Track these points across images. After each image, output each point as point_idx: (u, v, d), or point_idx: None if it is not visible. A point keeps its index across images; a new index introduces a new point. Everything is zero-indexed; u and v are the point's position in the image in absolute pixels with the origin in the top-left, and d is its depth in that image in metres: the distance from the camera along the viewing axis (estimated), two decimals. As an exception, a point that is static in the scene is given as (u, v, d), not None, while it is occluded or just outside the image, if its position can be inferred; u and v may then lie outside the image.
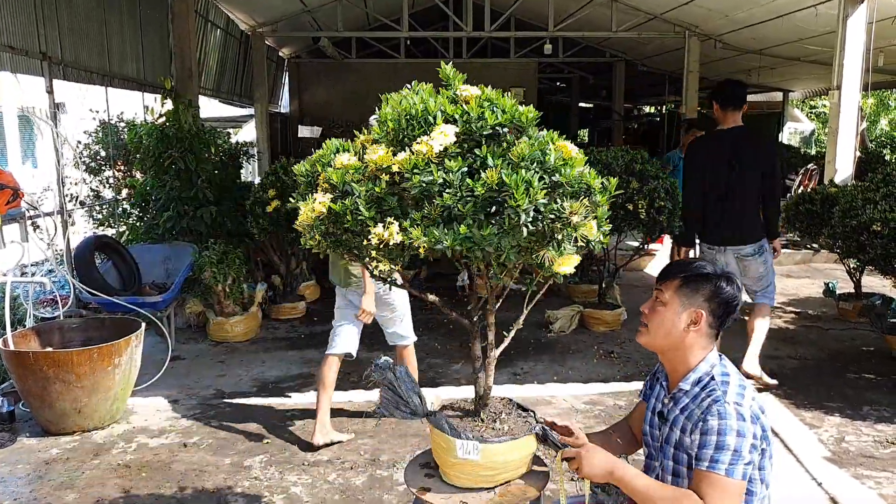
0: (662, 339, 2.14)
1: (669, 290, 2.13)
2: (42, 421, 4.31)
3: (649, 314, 2.17)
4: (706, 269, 2.14)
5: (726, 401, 1.98)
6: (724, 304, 2.10)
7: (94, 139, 8.47)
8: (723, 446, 1.93)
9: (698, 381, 2.08)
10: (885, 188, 5.45)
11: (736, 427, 1.94)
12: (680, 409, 2.08)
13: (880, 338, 5.79)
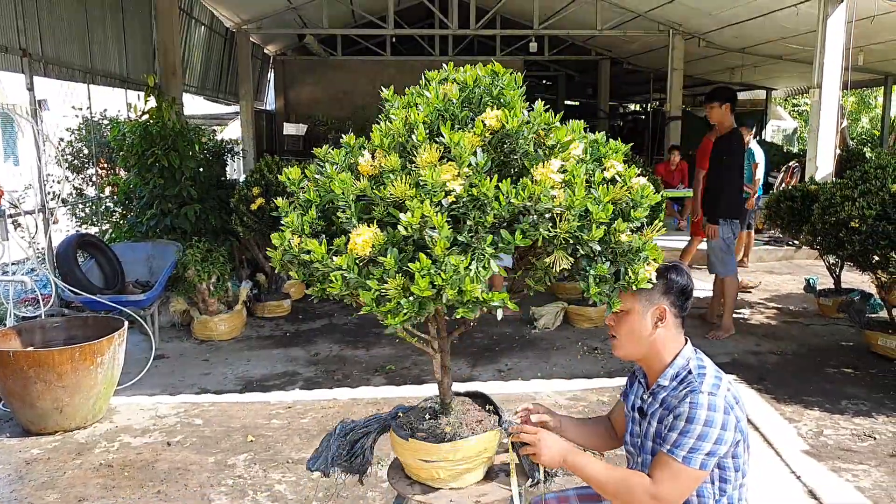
0: (635, 346, 2.17)
1: (627, 296, 2.13)
2: (23, 421, 4.29)
3: (616, 326, 2.19)
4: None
5: (701, 390, 2.02)
6: (681, 293, 2.16)
7: (76, 136, 8.42)
8: (687, 433, 1.97)
9: (676, 376, 2.12)
10: (863, 185, 5.52)
11: (705, 417, 1.97)
12: (659, 402, 2.12)
13: (859, 333, 5.87)
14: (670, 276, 2.15)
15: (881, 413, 4.48)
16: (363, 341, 6.17)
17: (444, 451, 2.20)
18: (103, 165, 8.50)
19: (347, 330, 6.49)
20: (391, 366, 5.51)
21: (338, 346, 6.04)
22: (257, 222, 6.43)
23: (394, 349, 5.92)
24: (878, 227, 5.16)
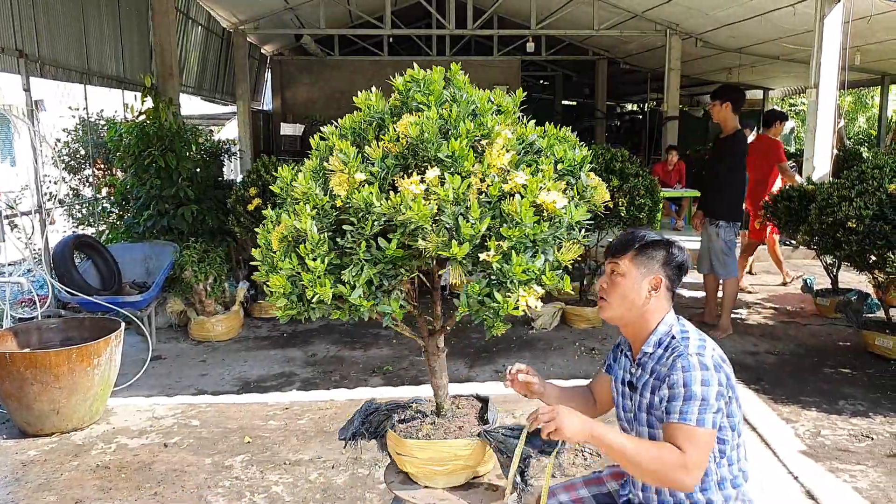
0: (626, 310, 2.18)
1: (625, 261, 2.17)
2: (20, 422, 4.28)
3: (608, 288, 2.21)
4: (656, 237, 2.21)
5: (689, 353, 2.04)
6: (678, 268, 2.19)
7: (73, 137, 8.40)
8: (690, 397, 1.99)
9: (659, 343, 2.15)
10: (860, 185, 5.52)
11: (700, 377, 2.00)
12: (648, 371, 2.14)
13: (856, 333, 5.87)
14: (671, 251, 2.18)
15: (878, 413, 4.49)
16: (360, 342, 6.16)
17: (411, 446, 2.28)
18: (100, 166, 8.49)
19: (344, 331, 6.48)
20: (388, 366, 5.50)
21: (335, 347, 6.04)
22: (254, 223, 6.41)
23: (391, 350, 5.91)
24: (875, 227, 5.17)
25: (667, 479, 1.98)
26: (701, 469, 1.98)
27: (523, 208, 1.87)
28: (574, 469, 3.78)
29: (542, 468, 2.54)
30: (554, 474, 3.73)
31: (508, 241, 1.88)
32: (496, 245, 1.87)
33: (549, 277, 1.91)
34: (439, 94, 2.13)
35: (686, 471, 1.95)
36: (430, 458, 2.27)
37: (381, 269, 1.99)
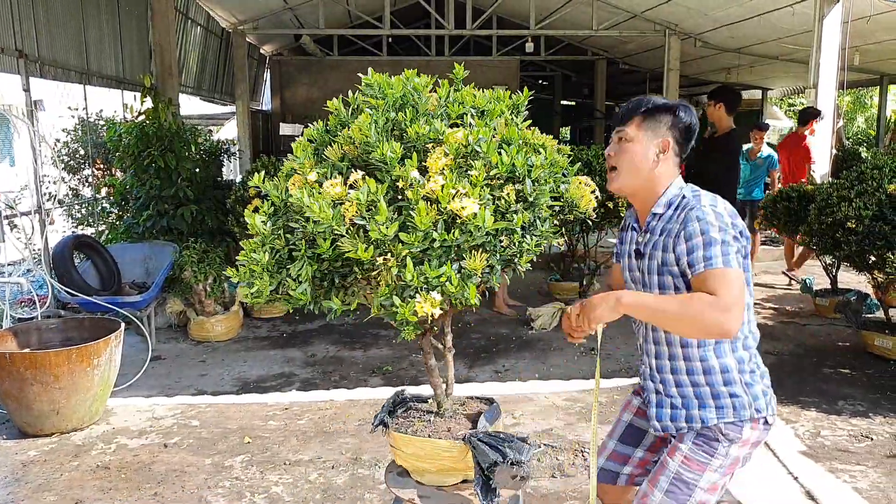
0: (634, 177, 2.18)
1: (632, 126, 2.18)
2: (19, 422, 4.28)
3: (617, 156, 2.20)
4: (662, 100, 2.20)
5: (702, 205, 2.06)
6: (686, 130, 2.18)
7: (72, 137, 8.39)
8: (710, 242, 1.99)
9: (670, 204, 2.16)
10: (860, 186, 5.53)
11: (717, 223, 2.01)
12: (658, 232, 2.14)
13: (856, 333, 5.87)
14: (678, 113, 2.18)
15: (878, 414, 4.49)
16: (360, 342, 6.16)
17: (397, 439, 2.33)
18: (99, 166, 8.48)
19: (344, 331, 6.48)
20: (388, 367, 5.50)
21: (334, 347, 6.04)
22: (254, 223, 6.41)
23: (391, 350, 5.91)
24: (875, 228, 5.18)
25: (707, 325, 1.94)
26: (739, 308, 1.94)
27: (421, 214, 1.87)
28: (574, 469, 3.78)
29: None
30: (554, 475, 3.73)
31: (407, 247, 1.89)
32: (397, 250, 1.89)
33: (454, 285, 1.88)
34: (395, 99, 2.15)
35: (725, 312, 1.92)
36: (414, 454, 2.31)
37: (327, 267, 2.04)
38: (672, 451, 2.19)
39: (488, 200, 1.96)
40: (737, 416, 2.11)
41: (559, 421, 4.42)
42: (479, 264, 1.91)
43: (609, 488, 2.45)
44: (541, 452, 2.29)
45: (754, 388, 2.14)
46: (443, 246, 1.91)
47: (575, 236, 6.89)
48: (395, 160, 1.98)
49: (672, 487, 2.15)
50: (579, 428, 4.30)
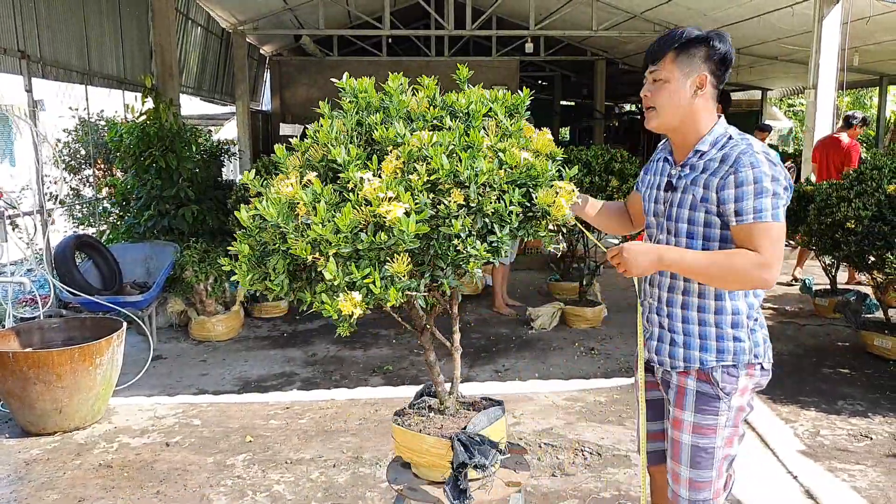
0: (673, 114, 2.15)
1: (666, 63, 2.12)
2: (22, 421, 4.30)
3: (653, 95, 2.17)
4: (696, 33, 2.13)
5: (755, 150, 2.03)
6: (721, 61, 2.12)
7: (73, 137, 8.41)
8: (762, 193, 1.98)
9: (715, 142, 2.12)
10: (859, 186, 5.55)
11: (770, 172, 1.99)
12: (699, 169, 2.11)
13: (855, 333, 5.89)
14: (713, 44, 2.12)
15: (877, 413, 4.51)
16: (360, 342, 6.17)
17: (394, 430, 2.42)
18: (100, 166, 8.50)
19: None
20: (388, 366, 5.52)
21: (335, 347, 6.05)
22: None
23: (391, 350, 5.93)
24: (874, 228, 5.19)
25: (749, 282, 2.01)
26: (779, 263, 2.00)
27: (345, 216, 1.92)
28: (574, 468, 3.80)
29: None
30: (555, 474, 3.75)
31: (334, 247, 1.94)
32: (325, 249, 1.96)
33: (376, 287, 1.93)
34: (367, 102, 2.20)
35: (769, 269, 1.98)
36: (407, 446, 2.38)
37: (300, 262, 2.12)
38: (677, 423, 2.22)
39: (425, 205, 1.96)
40: (735, 361, 2.14)
41: (559, 420, 4.44)
42: (402, 268, 1.93)
43: (662, 469, 2.43)
44: (505, 460, 2.29)
45: (756, 334, 2.18)
46: (372, 248, 1.94)
47: (575, 236, 6.91)
48: (349, 162, 2.02)
49: (695, 458, 2.19)
50: (579, 427, 4.32)
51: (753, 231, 1.99)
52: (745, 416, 2.22)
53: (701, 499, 2.22)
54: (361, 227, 1.94)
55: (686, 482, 2.23)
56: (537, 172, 2.08)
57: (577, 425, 4.36)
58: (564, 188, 2.08)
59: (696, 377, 2.18)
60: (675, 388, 2.23)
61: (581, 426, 4.34)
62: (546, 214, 2.08)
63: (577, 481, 3.66)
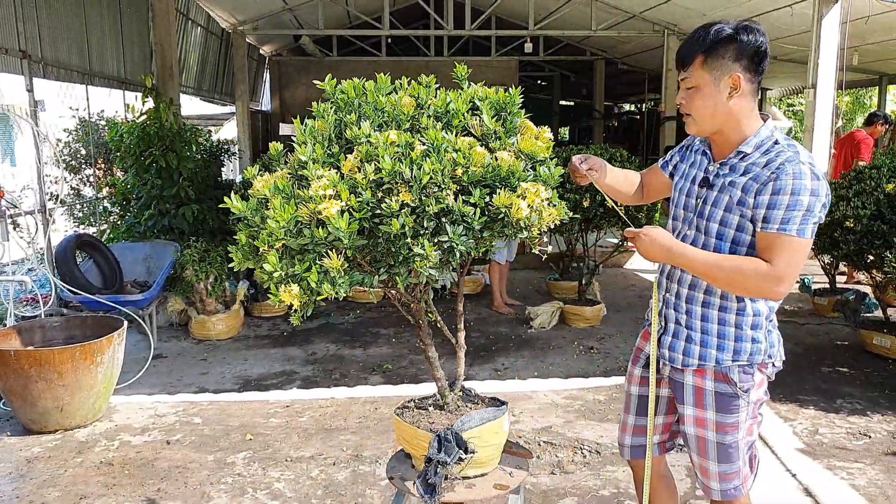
0: (711, 120, 2.09)
1: (695, 70, 2.05)
2: (24, 420, 4.31)
3: (687, 102, 2.11)
4: (723, 31, 2.03)
5: (801, 160, 1.97)
6: (754, 55, 2.03)
7: (74, 137, 8.43)
8: (795, 206, 1.94)
9: (760, 145, 2.06)
10: (858, 185, 5.57)
11: (811, 186, 1.95)
12: (740, 172, 2.06)
13: (854, 332, 5.91)
14: (741, 38, 2.01)
15: (876, 412, 4.52)
16: (360, 341, 6.19)
17: (394, 420, 2.48)
18: (101, 166, 8.52)
19: (344, 329, 6.51)
20: (388, 365, 5.53)
21: (335, 346, 6.07)
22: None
23: (391, 348, 5.94)
24: (873, 227, 5.21)
25: (757, 290, 2.01)
26: (794, 278, 1.99)
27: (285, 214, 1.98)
28: (573, 466, 3.81)
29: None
30: (554, 472, 3.76)
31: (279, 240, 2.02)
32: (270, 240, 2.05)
33: (313, 280, 1.98)
34: (346, 102, 2.23)
35: (778, 282, 1.97)
36: (403, 437, 2.44)
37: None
38: (700, 421, 2.23)
39: (367, 204, 1.99)
40: (750, 360, 2.16)
41: (558, 419, 4.45)
42: (336, 264, 1.98)
43: (643, 462, 2.46)
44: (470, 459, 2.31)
45: (772, 335, 2.22)
46: (314, 243, 1.99)
47: (574, 236, 6.92)
48: (314, 160, 2.09)
49: (722, 454, 2.23)
50: (578, 426, 4.33)
51: (776, 241, 1.97)
52: (762, 404, 2.27)
53: (732, 487, 2.26)
54: (306, 224, 1.99)
55: (716, 475, 2.26)
56: (505, 173, 2.06)
57: (576, 424, 4.37)
58: (528, 190, 2.04)
59: (713, 377, 2.19)
60: (691, 387, 2.24)
61: (580, 424, 4.35)
62: (506, 216, 2.04)
63: (576, 479, 3.68)
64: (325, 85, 2.27)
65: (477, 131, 2.17)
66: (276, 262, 2.02)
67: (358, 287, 2.09)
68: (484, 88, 2.28)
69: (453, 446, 2.25)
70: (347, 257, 2.03)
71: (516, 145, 2.15)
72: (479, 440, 2.33)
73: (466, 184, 2.05)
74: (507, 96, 2.24)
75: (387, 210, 1.97)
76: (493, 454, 2.42)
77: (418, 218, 2.01)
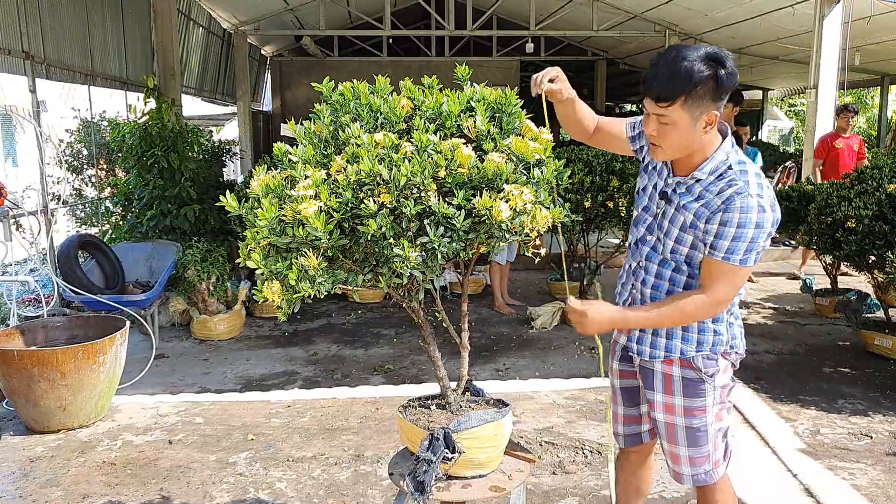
0: (681, 151, 2.13)
1: (675, 110, 2.03)
2: (27, 419, 4.32)
3: (660, 136, 2.11)
4: (703, 72, 2.00)
5: (749, 193, 2.03)
6: (729, 90, 2.05)
7: (76, 138, 8.44)
8: (740, 238, 2.03)
9: (714, 170, 2.11)
10: (860, 185, 5.56)
11: (756, 220, 2.02)
12: (695, 196, 2.13)
13: (855, 333, 5.90)
14: (720, 76, 2.01)
15: (877, 412, 4.52)
16: (361, 341, 6.20)
17: (397, 418, 2.50)
18: (103, 167, 8.53)
19: (345, 330, 6.51)
20: (390, 365, 5.54)
21: (336, 346, 6.07)
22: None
23: (392, 349, 5.95)
24: (875, 228, 5.21)
25: (702, 317, 2.17)
26: (729, 302, 2.14)
27: (266, 211, 2.03)
28: (574, 466, 3.82)
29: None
30: (555, 472, 3.77)
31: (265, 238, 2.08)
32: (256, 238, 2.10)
33: (292, 278, 2.02)
34: (341, 104, 2.26)
35: (717, 306, 2.13)
36: (404, 434, 2.48)
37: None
38: (669, 408, 2.33)
39: (346, 204, 2.01)
40: (712, 351, 2.27)
41: (560, 419, 4.46)
42: (313, 262, 2.01)
43: (638, 449, 2.59)
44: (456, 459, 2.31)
45: (734, 327, 2.32)
46: (295, 242, 2.03)
47: (575, 236, 6.92)
48: (305, 160, 2.14)
49: (691, 438, 2.33)
50: (579, 425, 4.34)
51: (719, 268, 2.08)
52: (729, 390, 2.36)
53: (703, 472, 2.36)
54: (289, 223, 2.02)
55: (686, 460, 2.36)
56: (492, 175, 2.05)
57: (577, 424, 4.38)
58: (511, 192, 2.03)
59: (680, 364, 2.29)
60: (660, 374, 2.33)
61: (581, 424, 4.36)
62: (487, 220, 2.03)
63: (577, 479, 3.68)
64: (321, 87, 2.28)
65: (472, 133, 2.17)
66: (260, 259, 2.08)
67: (358, 288, 2.11)
68: (482, 89, 2.27)
69: (440, 446, 2.26)
70: (329, 256, 2.06)
71: (510, 147, 2.15)
72: (477, 441, 2.33)
73: (451, 185, 2.05)
74: (504, 97, 2.23)
75: (365, 211, 1.99)
76: (493, 456, 2.42)
77: (397, 219, 2.03)
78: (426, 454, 2.24)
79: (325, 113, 2.24)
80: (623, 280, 2.44)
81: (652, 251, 2.30)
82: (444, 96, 2.23)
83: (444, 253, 2.04)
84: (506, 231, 2.05)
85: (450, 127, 2.16)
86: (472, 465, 2.36)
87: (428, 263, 2.05)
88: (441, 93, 2.27)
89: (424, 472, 2.22)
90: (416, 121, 2.15)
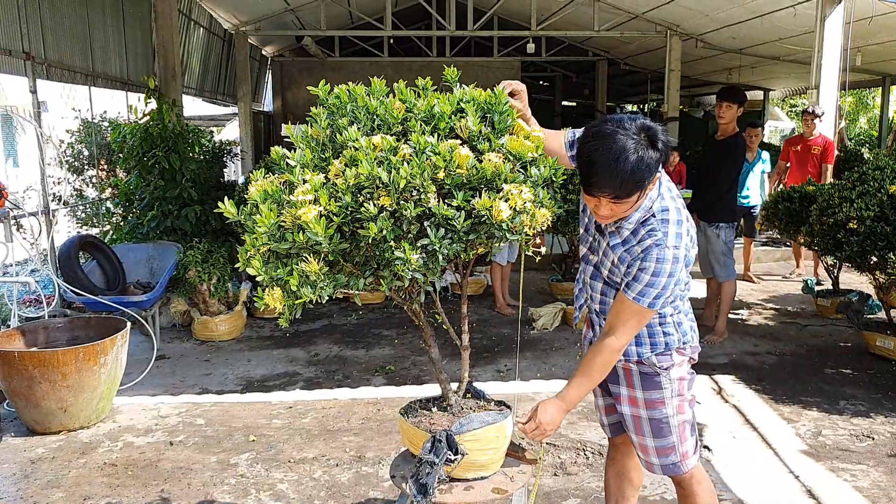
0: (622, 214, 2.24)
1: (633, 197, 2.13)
2: (28, 420, 4.32)
3: (613, 214, 2.20)
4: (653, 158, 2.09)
5: (667, 245, 2.18)
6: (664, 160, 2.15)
7: (76, 138, 8.44)
8: (653, 285, 2.20)
9: (640, 218, 2.24)
10: (861, 186, 5.56)
11: (669, 270, 2.18)
12: (621, 240, 2.27)
13: (857, 334, 5.90)
14: (660, 148, 2.12)
15: (879, 413, 4.52)
16: (362, 342, 6.19)
17: (399, 420, 2.52)
18: (103, 167, 8.53)
19: (346, 330, 6.51)
20: (391, 366, 5.53)
21: (337, 347, 6.07)
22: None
23: (393, 350, 5.94)
24: (876, 229, 5.20)
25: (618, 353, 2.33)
26: (634, 334, 2.31)
27: (265, 216, 2.03)
28: (576, 467, 3.81)
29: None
30: (556, 473, 3.76)
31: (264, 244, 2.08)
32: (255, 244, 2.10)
33: (293, 284, 2.03)
34: (338, 107, 2.26)
35: (625, 342, 2.30)
36: (406, 436, 2.50)
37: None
38: (633, 401, 2.49)
39: (346, 208, 2.01)
40: (666, 349, 2.41)
41: (563, 421, 4.44)
42: (314, 267, 2.01)
43: (624, 438, 2.69)
44: (459, 461, 2.31)
45: (683, 325, 2.45)
46: (296, 248, 2.03)
47: (576, 237, 6.92)
48: (303, 164, 2.14)
49: (655, 429, 2.47)
50: (581, 427, 4.33)
51: (630, 306, 2.24)
52: (688, 383, 2.49)
53: (671, 462, 2.50)
54: (289, 228, 2.02)
55: (654, 450, 2.49)
56: (491, 175, 2.04)
57: (578, 425, 4.37)
58: (511, 192, 2.03)
59: (637, 363, 2.45)
60: (621, 370, 2.49)
61: (583, 426, 4.35)
62: (487, 220, 2.03)
63: (578, 480, 3.68)
64: (317, 91, 2.27)
65: (463, 133, 2.16)
66: (260, 266, 2.08)
67: (359, 292, 2.11)
68: (471, 90, 2.24)
69: (443, 447, 2.26)
70: (330, 261, 2.05)
71: (506, 146, 2.14)
72: (478, 443, 2.33)
73: (450, 187, 2.05)
74: (493, 97, 2.22)
75: (365, 214, 1.99)
76: (494, 458, 2.41)
77: (397, 221, 2.02)
78: (429, 456, 2.23)
79: (321, 116, 2.23)
80: (580, 287, 2.59)
81: (595, 271, 2.47)
82: (434, 98, 2.21)
83: (445, 254, 2.03)
84: (506, 231, 2.05)
85: (443, 128, 2.15)
86: (474, 467, 2.35)
87: (429, 265, 2.04)
88: (433, 95, 2.25)
89: (427, 475, 2.21)
90: (412, 122, 2.15)
